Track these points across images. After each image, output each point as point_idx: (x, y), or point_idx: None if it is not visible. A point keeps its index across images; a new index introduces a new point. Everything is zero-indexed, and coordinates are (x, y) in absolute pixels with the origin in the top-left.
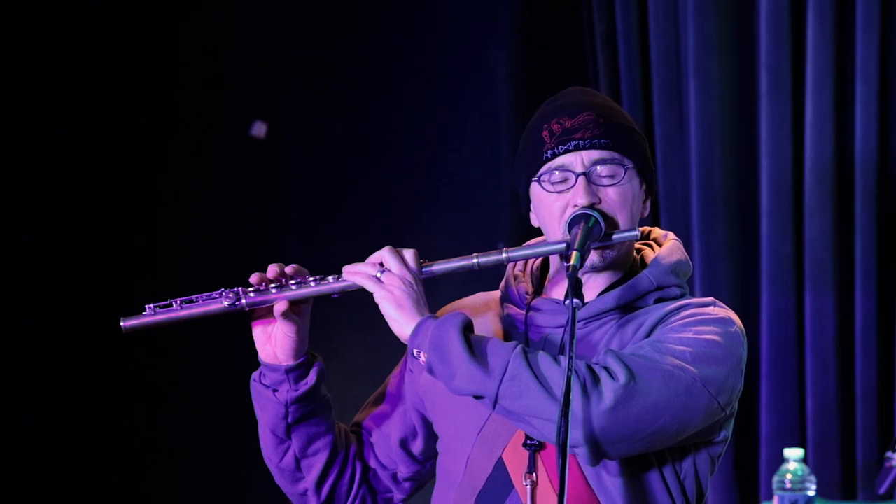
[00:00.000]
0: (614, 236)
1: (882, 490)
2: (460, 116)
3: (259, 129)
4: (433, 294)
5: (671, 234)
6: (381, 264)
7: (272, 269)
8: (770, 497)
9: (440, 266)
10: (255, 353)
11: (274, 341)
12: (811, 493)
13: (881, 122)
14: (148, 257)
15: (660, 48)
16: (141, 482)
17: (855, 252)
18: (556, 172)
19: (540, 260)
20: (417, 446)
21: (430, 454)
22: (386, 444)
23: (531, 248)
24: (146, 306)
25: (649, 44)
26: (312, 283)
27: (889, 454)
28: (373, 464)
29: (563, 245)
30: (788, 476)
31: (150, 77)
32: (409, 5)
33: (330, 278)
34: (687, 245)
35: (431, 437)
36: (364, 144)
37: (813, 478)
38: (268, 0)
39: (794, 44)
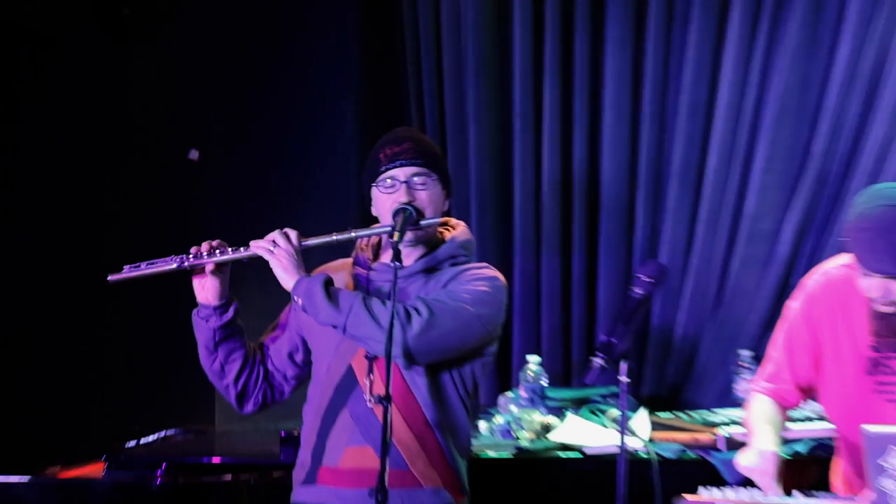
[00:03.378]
0: (422, 222)
1: (588, 381)
2: (325, 144)
3: (193, 154)
4: (309, 258)
5: (462, 222)
6: (275, 241)
7: (205, 245)
8: (519, 386)
9: (313, 241)
10: (195, 300)
11: (206, 289)
12: (544, 382)
13: (591, 151)
14: (124, 239)
15: (452, 103)
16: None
17: (573, 234)
18: (388, 181)
19: (377, 237)
20: (299, 357)
21: (308, 362)
22: (279, 356)
23: (370, 229)
24: (124, 266)
25: (444, 100)
26: (230, 252)
27: (592, 358)
28: (271, 368)
29: (391, 228)
30: (530, 373)
31: (108, 118)
32: (293, 74)
33: (241, 249)
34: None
35: (308, 351)
36: (264, 163)
37: (545, 373)
38: (195, 64)
39: (535, 101)
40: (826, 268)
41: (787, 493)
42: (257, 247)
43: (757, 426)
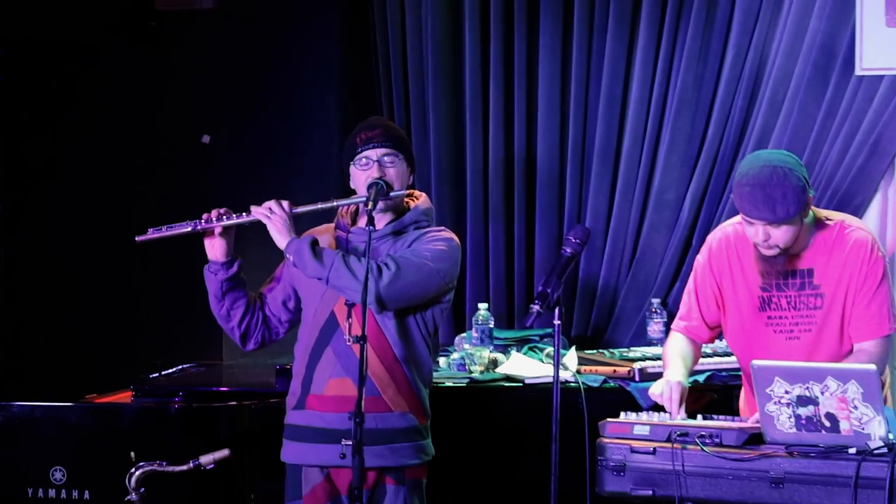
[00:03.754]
0: (391, 194)
1: (527, 323)
2: (312, 130)
3: (206, 139)
4: (299, 223)
5: (424, 194)
6: (271, 209)
7: (214, 211)
8: (472, 328)
9: (302, 209)
10: (206, 257)
11: (215, 248)
12: (491, 325)
13: (528, 135)
14: (149, 207)
15: (415, 97)
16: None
17: (514, 203)
18: (363, 159)
19: (355, 206)
20: (291, 304)
21: (298, 309)
22: (275, 303)
23: (349, 199)
24: (149, 229)
25: (409, 94)
26: (235, 217)
27: (531, 305)
28: (268, 313)
29: (365, 198)
30: (480, 317)
31: (137, 110)
32: (287, 74)
33: (244, 215)
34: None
35: (298, 299)
36: (263, 145)
37: (492, 317)
38: (209, 66)
39: (483, 95)
40: (723, 226)
41: (692, 416)
42: (257, 213)
43: (670, 360)
